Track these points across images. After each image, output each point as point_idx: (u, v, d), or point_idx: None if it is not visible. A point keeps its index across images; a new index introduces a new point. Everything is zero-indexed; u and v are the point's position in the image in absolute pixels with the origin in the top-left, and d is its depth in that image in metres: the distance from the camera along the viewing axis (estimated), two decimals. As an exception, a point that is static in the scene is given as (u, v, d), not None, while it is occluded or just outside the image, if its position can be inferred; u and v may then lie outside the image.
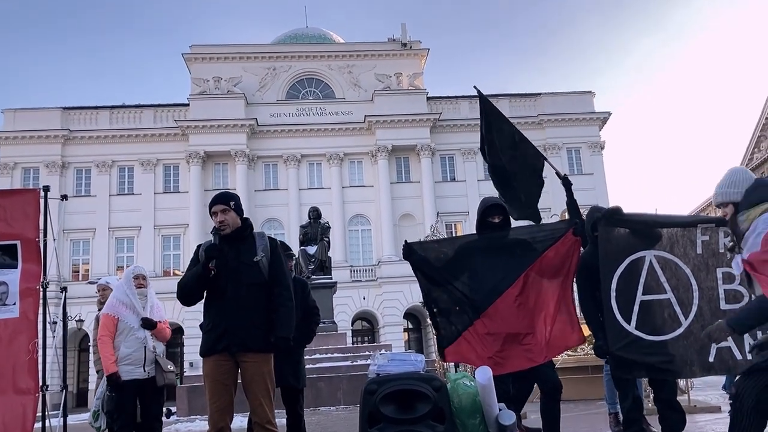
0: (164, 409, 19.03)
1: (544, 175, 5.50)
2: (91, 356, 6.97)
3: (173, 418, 17.69)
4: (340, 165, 37.38)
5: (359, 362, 16.42)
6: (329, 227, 18.23)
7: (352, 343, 28.28)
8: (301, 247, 16.91)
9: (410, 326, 37.37)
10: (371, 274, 35.51)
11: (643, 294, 4.23)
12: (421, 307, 35.01)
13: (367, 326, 37.31)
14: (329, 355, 14.65)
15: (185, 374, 23.23)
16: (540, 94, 39.49)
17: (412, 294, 34.52)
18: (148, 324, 5.19)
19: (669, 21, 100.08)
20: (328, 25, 75.74)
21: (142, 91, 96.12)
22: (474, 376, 3.36)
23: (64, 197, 5.42)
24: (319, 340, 13.52)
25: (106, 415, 5.16)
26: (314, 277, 16.02)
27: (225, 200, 3.94)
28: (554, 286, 4.37)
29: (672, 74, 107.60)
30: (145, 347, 5.13)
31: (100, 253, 34.54)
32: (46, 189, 5.14)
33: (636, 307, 4.21)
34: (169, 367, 5.19)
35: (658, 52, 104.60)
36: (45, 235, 5.07)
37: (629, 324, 4.20)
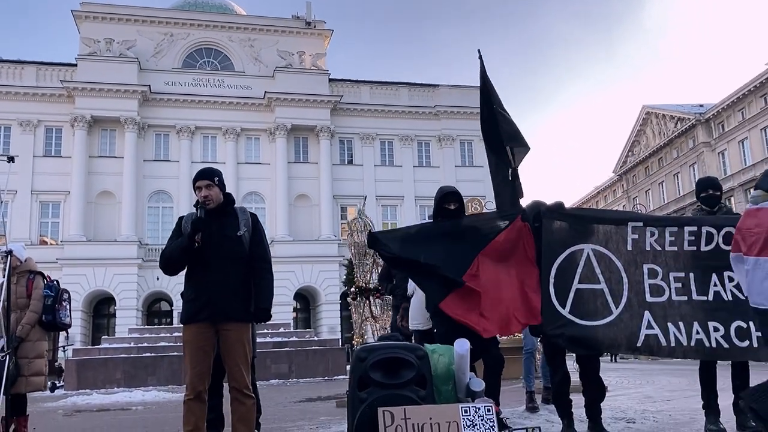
0: (48, 383, 18.14)
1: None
2: None
3: (60, 391, 16.99)
4: (236, 140, 36.70)
5: (258, 340, 16.53)
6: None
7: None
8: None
9: (299, 306, 37.53)
10: (263, 253, 35.18)
11: (579, 282, 4.68)
12: (312, 288, 35.29)
13: (254, 305, 37.02)
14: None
15: (73, 347, 22.17)
16: (438, 85, 40.58)
17: (304, 274, 34.67)
18: None
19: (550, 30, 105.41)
20: (227, -6, 73.19)
21: (23, 46, 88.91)
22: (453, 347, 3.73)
23: (11, 159, 5.18)
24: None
25: None
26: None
27: (209, 176, 4.04)
28: (511, 271, 4.68)
29: (557, 77, 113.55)
30: None
31: (-32, 216, 31.95)
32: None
33: (571, 294, 4.66)
34: None
35: (545, 54, 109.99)
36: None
37: (564, 308, 4.68)
